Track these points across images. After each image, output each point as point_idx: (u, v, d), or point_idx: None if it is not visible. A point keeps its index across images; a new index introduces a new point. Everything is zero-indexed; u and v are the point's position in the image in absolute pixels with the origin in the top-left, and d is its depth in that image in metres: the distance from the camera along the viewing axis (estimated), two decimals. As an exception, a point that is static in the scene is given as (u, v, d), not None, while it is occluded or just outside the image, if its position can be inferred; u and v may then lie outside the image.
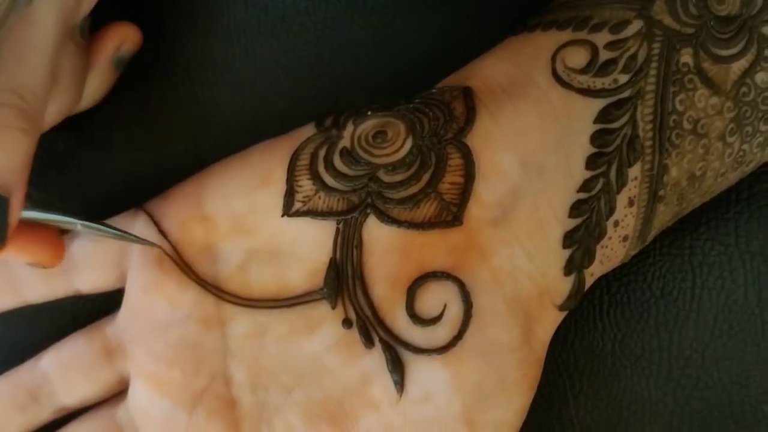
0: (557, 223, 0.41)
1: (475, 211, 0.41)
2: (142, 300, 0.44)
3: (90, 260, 0.45)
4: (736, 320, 0.48)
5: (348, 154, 0.42)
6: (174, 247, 0.44)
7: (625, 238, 0.43)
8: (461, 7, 0.49)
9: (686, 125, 0.41)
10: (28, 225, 0.41)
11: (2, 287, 0.45)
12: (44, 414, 0.46)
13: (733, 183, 0.45)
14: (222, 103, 0.49)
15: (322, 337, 0.43)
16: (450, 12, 0.49)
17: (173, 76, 0.49)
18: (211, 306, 0.44)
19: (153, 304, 0.44)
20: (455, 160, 0.41)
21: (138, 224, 0.45)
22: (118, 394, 0.46)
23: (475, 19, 0.49)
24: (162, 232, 0.44)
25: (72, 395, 0.46)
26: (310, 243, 0.43)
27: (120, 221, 0.45)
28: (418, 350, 0.41)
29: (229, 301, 0.44)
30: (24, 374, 0.46)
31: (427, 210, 0.41)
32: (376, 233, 0.42)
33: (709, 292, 0.48)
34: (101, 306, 0.47)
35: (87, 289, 0.46)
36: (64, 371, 0.46)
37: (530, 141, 0.41)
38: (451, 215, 0.41)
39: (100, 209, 0.46)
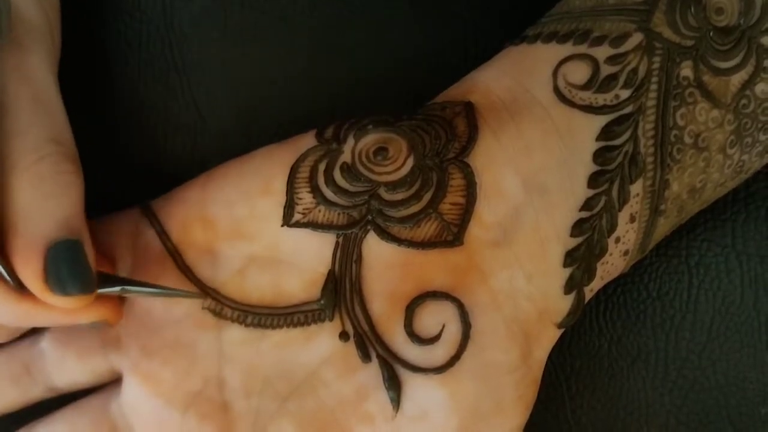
0: (558, 242, 0.41)
1: (475, 231, 0.41)
2: (140, 296, 0.44)
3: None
4: (733, 321, 0.48)
5: (348, 170, 0.42)
6: (175, 248, 0.44)
7: (626, 253, 0.43)
8: (459, 10, 0.48)
9: (687, 139, 0.41)
10: None
11: None
12: (36, 390, 0.46)
13: (731, 189, 0.45)
14: (219, 104, 0.48)
15: (318, 348, 0.43)
16: (448, 15, 0.48)
17: (170, 78, 0.48)
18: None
19: (150, 303, 0.44)
20: (457, 181, 0.41)
21: (143, 222, 0.45)
22: (111, 383, 0.46)
23: (473, 22, 0.48)
24: (164, 232, 0.44)
25: (63, 377, 0.46)
26: (310, 253, 0.43)
27: (122, 218, 0.45)
28: (416, 368, 0.41)
29: (226, 305, 0.43)
30: (23, 348, 0.46)
31: (427, 229, 0.41)
32: (376, 249, 0.42)
33: (705, 293, 0.48)
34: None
35: None
36: (60, 352, 0.45)
37: (533, 160, 0.41)
38: (452, 235, 0.41)
39: (98, 209, 0.46)
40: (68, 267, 0.38)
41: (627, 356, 0.48)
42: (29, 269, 0.38)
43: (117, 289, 0.41)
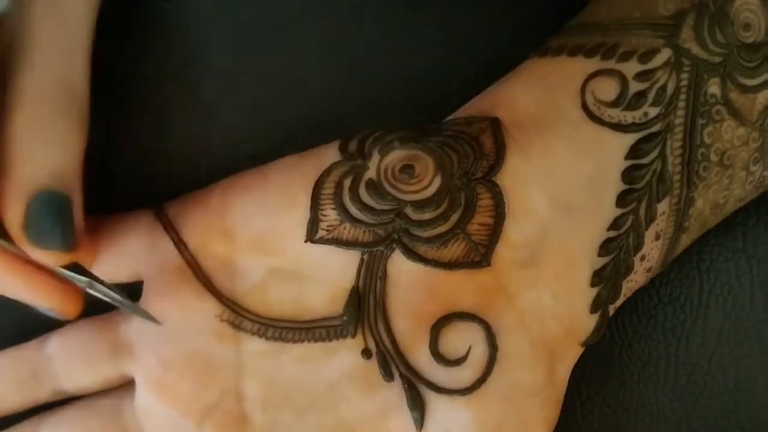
0: (586, 262, 0.41)
1: (503, 252, 0.41)
2: (157, 306, 0.44)
3: (104, 252, 0.44)
4: (743, 326, 0.48)
5: (374, 187, 0.41)
6: (194, 258, 0.43)
7: (649, 269, 0.43)
8: (470, 14, 0.47)
9: (713, 157, 0.41)
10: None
11: None
12: (42, 394, 0.45)
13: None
14: (226, 107, 0.47)
15: (340, 364, 0.42)
16: (459, 19, 0.47)
17: (177, 80, 0.47)
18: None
19: (168, 312, 0.43)
20: (485, 201, 0.41)
21: (157, 230, 0.44)
22: (121, 386, 0.46)
23: (484, 25, 0.48)
24: (181, 241, 0.43)
25: (72, 381, 0.45)
26: (334, 269, 0.42)
27: (135, 220, 0.45)
28: (440, 390, 0.41)
29: (246, 318, 0.43)
30: (29, 352, 0.46)
31: (454, 250, 0.41)
32: (402, 267, 0.41)
33: (716, 298, 0.48)
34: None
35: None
36: (68, 356, 0.45)
37: (561, 179, 0.40)
38: (479, 256, 0.40)
39: (104, 208, 0.45)
40: (51, 219, 0.37)
41: (638, 361, 0.48)
42: (11, 213, 0.37)
43: (85, 280, 0.40)
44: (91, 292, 0.41)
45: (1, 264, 0.38)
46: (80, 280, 0.40)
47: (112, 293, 0.41)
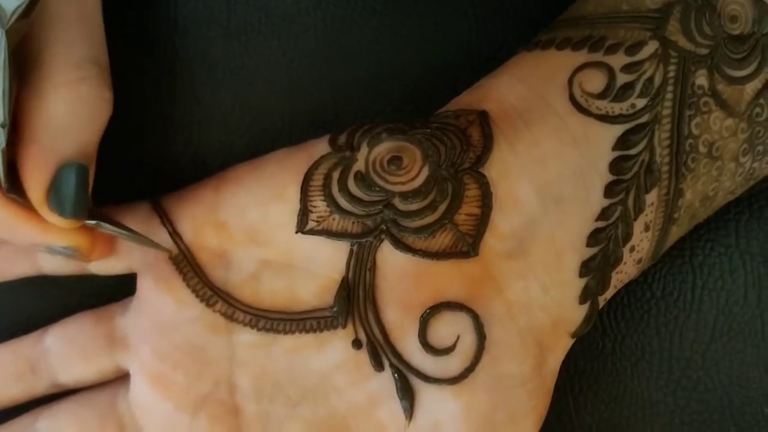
0: (574, 252, 0.41)
1: (491, 242, 0.41)
2: (151, 297, 0.44)
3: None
4: (736, 321, 0.48)
5: (362, 179, 0.41)
6: (188, 249, 0.44)
7: (639, 261, 0.43)
8: (465, 9, 0.48)
9: (702, 149, 0.41)
10: None
11: (20, 255, 0.45)
12: (40, 387, 0.46)
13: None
14: (222, 101, 0.48)
15: (331, 354, 0.43)
16: (454, 14, 0.48)
17: (174, 75, 0.48)
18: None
19: (162, 303, 0.44)
20: (472, 191, 0.41)
21: (153, 221, 0.45)
22: (116, 379, 0.46)
23: (479, 21, 0.48)
24: (176, 233, 0.44)
25: (68, 374, 0.45)
26: (324, 260, 0.42)
27: (132, 211, 0.45)
28: (429, 379, 0.41)
29: (238, 309, 0.43)
30: (27, 345, 0.46)
31: (442, 240, 0.41)
32: (391, 258, 0.41)
33: (709, 293, 0.48)
34: (113, 281, 0.47)
35: (98, 271, 0.45)
36: (65, 349, 0.45)
37: (548, 171, 0.41)
38: (467, 246, 0.41)
39: (98, 201, 0.45)
40: (71, 189, 0.38)
41: (631, 356, 0.48)
42: (36, 179, 0.38)
43: (93, 222, 0.41)
44: (101, 231, 0.42)
45: (19, 213, 0.39)
46: (89, 223, 0.41)
47: (118, 229, 0.42)
